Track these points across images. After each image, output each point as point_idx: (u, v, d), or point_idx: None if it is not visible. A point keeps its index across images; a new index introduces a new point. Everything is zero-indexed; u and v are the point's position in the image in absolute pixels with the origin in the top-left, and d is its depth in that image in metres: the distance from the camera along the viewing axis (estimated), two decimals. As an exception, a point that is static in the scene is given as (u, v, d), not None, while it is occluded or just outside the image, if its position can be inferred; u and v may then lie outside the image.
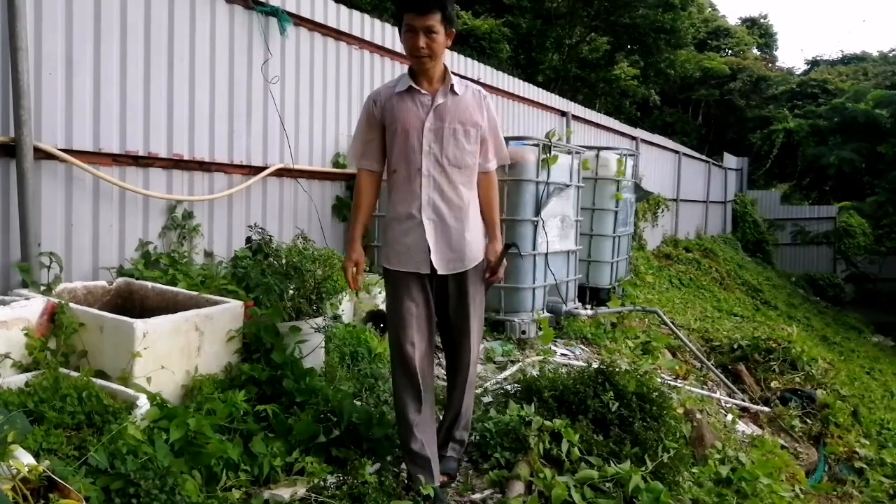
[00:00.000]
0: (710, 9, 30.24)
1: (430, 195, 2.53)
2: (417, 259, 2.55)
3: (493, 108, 2.71)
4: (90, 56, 3.55)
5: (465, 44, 14.07)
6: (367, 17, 5.56)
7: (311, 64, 4.98)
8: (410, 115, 2.53)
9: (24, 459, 1.88)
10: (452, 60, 6.75)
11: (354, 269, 2.66)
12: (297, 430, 2.72)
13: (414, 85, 2.56)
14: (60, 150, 3.38)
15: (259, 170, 4.57)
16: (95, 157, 3.58)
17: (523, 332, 4.91)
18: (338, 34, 5.19)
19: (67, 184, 3.48)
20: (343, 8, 5.26)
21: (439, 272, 2.56)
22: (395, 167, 2.58)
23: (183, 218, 4.06)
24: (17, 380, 2.47)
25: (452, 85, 2.58)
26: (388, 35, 5.75)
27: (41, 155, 3.31)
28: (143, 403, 2.42)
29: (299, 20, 4.81)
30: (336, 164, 5.26)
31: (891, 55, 33.76)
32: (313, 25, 4.95)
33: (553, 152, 5.17)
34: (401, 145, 2.55)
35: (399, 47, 5.93)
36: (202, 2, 4.13)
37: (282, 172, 4.76)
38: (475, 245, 2.63)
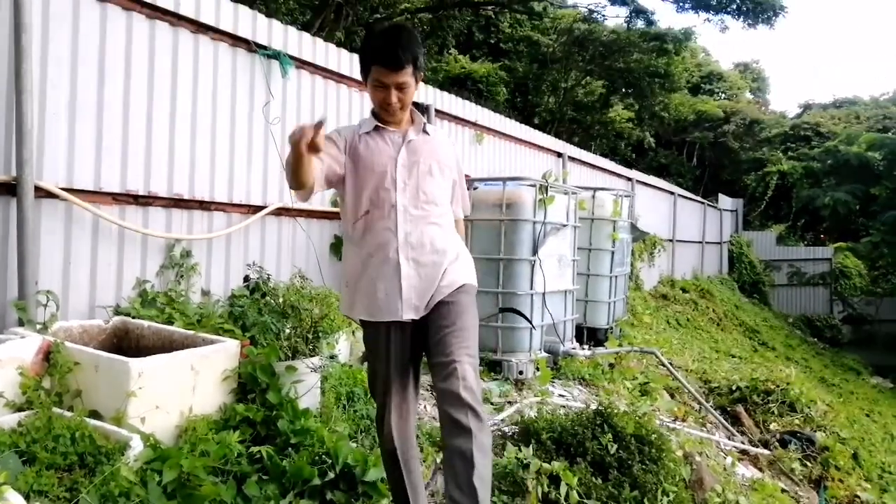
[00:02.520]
0: (703, 54, 30.89)
1: (407, 231, 2.34)
2: (393, 306, 2.31)
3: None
4: (94, 96, 3.60)
5: (463, 86, 14.31)
6: (366, 60, 5.65)
7: (311, 106, 5.06)
8: (381, 154, 2.36)
9: (14, 501, 1.85)
10: (451, 103, 6.85)
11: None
12: (292, 473, 2.68)
13: (380, 125, 2.41)
14: (61, 188, 3.41)
15: (258, 209, 4.60)
16: (96, 196, 3.60)
17: (521, 373, 4.88)
18: (339, 77, 5.28)
19: (67, 222, 3.50)
20: (344, 52, 5.37)
21: (414, 317, 2.31)
22: (367, 208, 2.36)
23: (181, 256, 4.07)
24: (10, 419, 2.45)
25: (424, 125, 2.46)
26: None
27: (42, 193, 3.33)
28: (137, 444, 2.39)
29: (301, 63, 4.90)
30: (335, 203, 5.30)
31: (882, 99, 34.37)
32: (314, 68, 5.04)
33: (550, 192, 5.22)
34: (373, 183, 2.35)
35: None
36: (206, 44, 4.21)
37: (281, 212, 4.79)
38: (462, 271, 2.40)
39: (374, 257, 2.37)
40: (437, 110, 6.46)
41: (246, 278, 4.48)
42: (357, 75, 5.48)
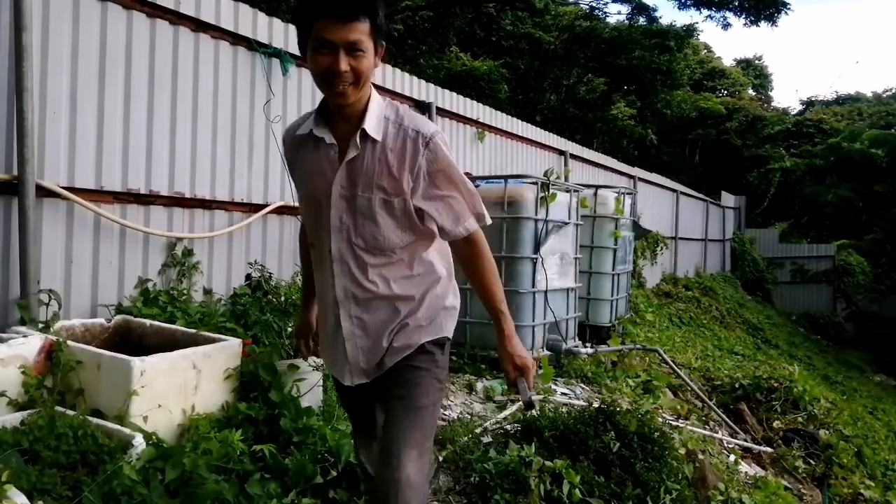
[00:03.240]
0: (705, 50, 30.83)
1: (345, 286, 1.86)
2: (340, 368, 1.97)
3: (447, 157, 1.82)
4: (94, 95, 3.60)
5: (465, 84, 14.28)
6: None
7: (312, 104, 5.05)
8: (314, 177, 1.84)
9: (17, 500, 1.85)
10: (452, 101, 6.84)
11: (302, 340, 2.25)
12: (294, 471, 2.68)
13: (316, 130, 1.81)
14: (63, 187, 3.41)
15: (260, 207, 4.60)
16: (97, 195, 3.60)
17: (523, 371, 4.87)
18: (339, 75, 5.28)
19: (68, 221, 3.50)
20: (345, 49, 5.36)
21: (366, 381, 1.93)
22: (311, 240, 1.97)
23: (183, 255, 4.07)
24: (13, 418, 2.45)
25: (364, 129, 1.76)
26: (388, 77, 5.85)
27: (43, 193, 3.33)
28: (139, 443, 2.39)
29: (302, 61, 4.90)
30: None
31: (884, 96, 34.31)
32: (315, 66, 5.03)
33: (552, 190, 5.21)
34: (308, 215, 1.94)
35: (404, 87, 6.03)
36: (206, 43, 4.21)
37: (282, 210, 4.79)
38: (427, 324, 1.91)
39: (319, 306, 2.03)
40: (438, 108, 6.45)
41: (248, 277, 4.48)
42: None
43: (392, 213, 1.80)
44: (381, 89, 5.78)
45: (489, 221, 1.92)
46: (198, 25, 4.13)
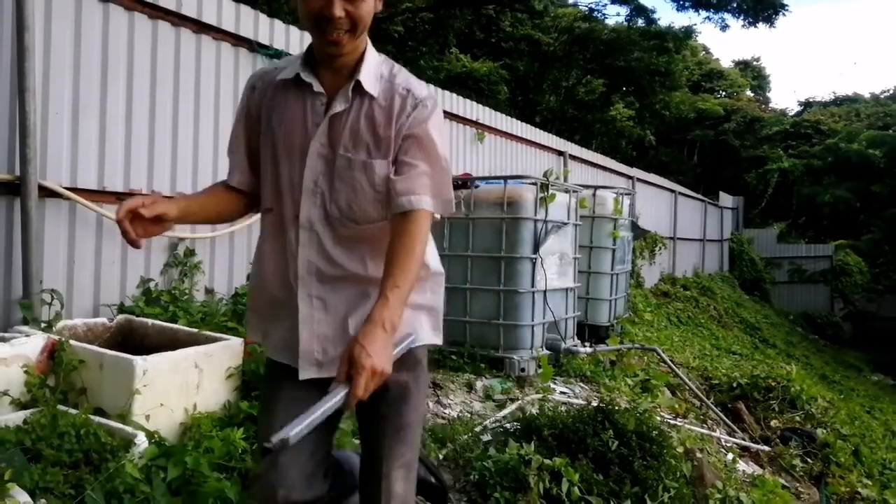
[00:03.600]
0: (703, 52, 30.89)
1: (310, 259, 1.60)
2: (287, 354, 1.66)
3: (439, 128, 1.63)
4: (96, 96, 3.62)
5: (464, 85, 14.31)
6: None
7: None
8: (294, 125, 1.58)
9: (20, 498, 1.87)
10: (452, 102, 6.87)
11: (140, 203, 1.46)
12: (296, 469, 2.69)
13: (303, 74, 1.55)
14: (65, 188, 3.43)
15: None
16: (99, 195, 3.62)
17: (522, 370, 4.89)
18: (339, 76, 5.29)
19: (71, 221, 3.52)
20: (344, 50, 5.37)
21: (308, 376, 1.62)
22: (268, 203, 1.66)
23: (185, 255, 4.08)
24: (16, 417, 2.47)
25: (359, 82, 1.53)
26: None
27: (45, 193, 3.35)
28: (142, 441, 2.40)
29: (302, 62, 4.91)
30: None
31: (882, 97, 34.38)
32: (315, 67, 5.05)
33: (551, 191, 5.23)
34: (273, 171, 1.62)
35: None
36: (208, 44, 4.23)
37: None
38: (409, 317, 1.61)
39: (268, 281, 1.69)
40: (437, 109, 6.47)
41: (249, 276, 4.49)
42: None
43: (372, 179, 1.55)
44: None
45: (451, 210, 1.65)
46: (199, 27, 4.15)
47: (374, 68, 1.57)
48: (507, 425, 3.75)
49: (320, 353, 1.62)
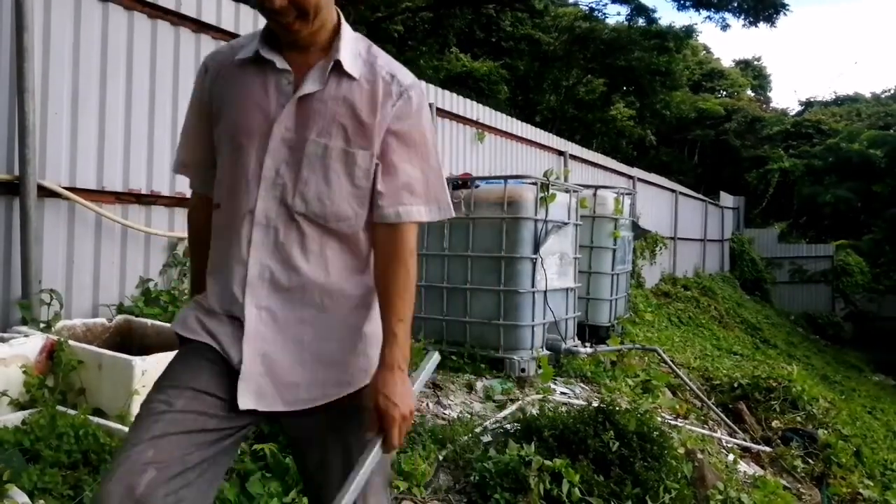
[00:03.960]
0: (704, 51, 30.89)
1: (263, 263, 1.36)
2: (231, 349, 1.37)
3: (429, 122, 1.46)
4: (96, 96, 3.61)
5: (465, 85, 14.31)
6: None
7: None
8: (253, 108, 1.36)
9: (18, 499, 1.87)
10: (452, 101, 6.86)
11: None
12: (295, 470, 2.68)
13: (264, 51, 1.35)
14: (64, 188, 3.42)
15: (260, 208, 4.60)
16: (99, 195, 3.61)
17: (522, 370, 4.88)
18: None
19: (70, 221, 3.51)
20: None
21: (247, 405, 1.32)
22: (218, 199, 1.44)
23: (184, 255, 4.07)
24: (14, 418, 2.46)
25: (338, 61, 1.34)
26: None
27: (45, 193, 3.34)
28: (141, 442, 2.39)
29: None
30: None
31: (883, 96, 34.36)
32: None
33: (551, 191, 5.22)
34: (228, 161, 1.40)
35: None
36: (207, 44, 4.21)
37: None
38: (370, 351, 1.43)
39: (212, 287, 1.42)
40: (438, 109, 6.47)
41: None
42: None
43: (351, 171, 1.35)
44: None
45: (450, 214, 1.46)
46: (199, 26, 4.14)
47: (353, 46, 1.39)
48: (508, 426, 3.74)
49: (265, 379, 1.35)
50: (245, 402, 1.32)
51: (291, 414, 1.38)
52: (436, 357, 1.52)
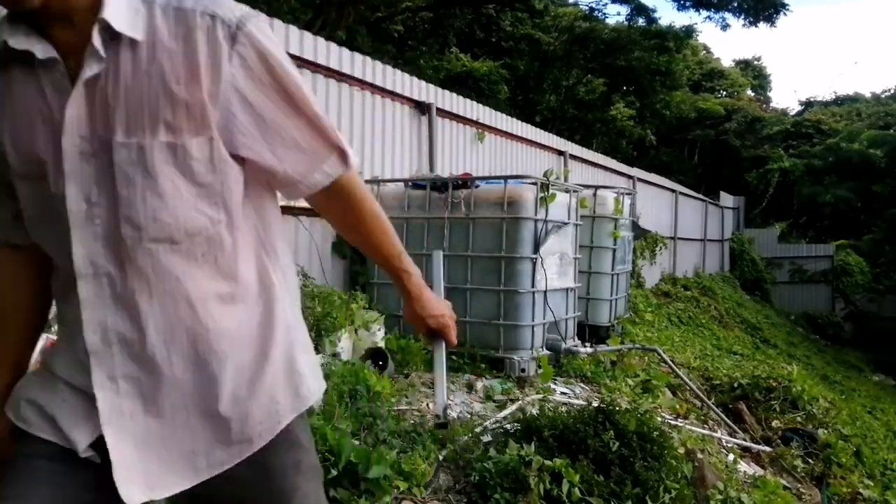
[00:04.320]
0: (704, 51, 30.90)
1: (105, 324, 1.01)
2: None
3: (273, 55, 1.04)
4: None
5: (465, 85, 14.32)
6: (367, 59, 5.67)
7: (312, 104, 5.06)
8: (33, 123, 1.00)
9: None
10: (452, 101, 6.86)
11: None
12: None
13: (14, 41, 0.95)
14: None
15: (260, 208, 4.60)
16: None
17: (522, 370, 4.88)
18: (339, 76, 5.29)
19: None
20: (345, 50, 5.37)
21: (140, 499, 1.01)
22: (52, 257, 1.09)
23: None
24: (14, 418, 2.46)
25: (106, 22, 0.92)
26: (389, 77, 5.86)
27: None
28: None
29: (302, 62, 4.90)
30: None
31: (883, 96, 34.38)
32: (315, 67, 5.05)
33: (551, 191, 5.22)
34: (31, 206, 1.06)
35: (404, 88, 6.04)
36: (207, 44, 4.21)
37: (283, 210, 4.79)
38: (290, 375, 1.15)
39: (64, 353, 1.09)
40: (438, 109, 6.47)
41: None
42: (357, 74, 5.52)
43: (187, 169, 0.99)
44: (381, 90, 5.79)
45: (356, 161, 1.19)
46: None
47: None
48: (508, 426, 3.75)
49: (150, 459, 1.03)
50: (133, 494, 1.00)
51: (208, 482, 1.07)
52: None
